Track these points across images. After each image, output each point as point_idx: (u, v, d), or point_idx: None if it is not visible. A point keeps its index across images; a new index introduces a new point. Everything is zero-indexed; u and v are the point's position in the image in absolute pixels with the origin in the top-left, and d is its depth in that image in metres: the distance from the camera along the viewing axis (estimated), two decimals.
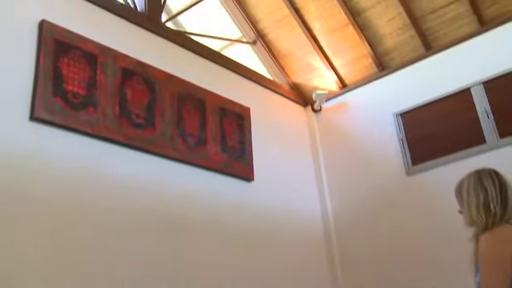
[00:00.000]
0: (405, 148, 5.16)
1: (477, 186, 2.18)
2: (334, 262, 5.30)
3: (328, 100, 5.85)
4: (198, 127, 4.34)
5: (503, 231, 2.05)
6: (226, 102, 4.75)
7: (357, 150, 5.51)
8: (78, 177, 3.38)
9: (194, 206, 4.10)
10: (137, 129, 3.81)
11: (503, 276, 1.95)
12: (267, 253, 4.62)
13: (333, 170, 5.64)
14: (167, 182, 3.95)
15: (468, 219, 2.19)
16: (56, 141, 3.32)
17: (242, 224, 4.47)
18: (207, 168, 4.30)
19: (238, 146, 4.67)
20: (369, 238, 5.13)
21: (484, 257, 2.01)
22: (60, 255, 3.10)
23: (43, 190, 3.15)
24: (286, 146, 5.47)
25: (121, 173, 3.65)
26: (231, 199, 4.47)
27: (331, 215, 5.48)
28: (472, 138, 4.73)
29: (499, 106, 4.65)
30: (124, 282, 3.37)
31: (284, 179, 5.18)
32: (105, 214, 3.45)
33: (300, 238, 5.08)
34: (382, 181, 5.20)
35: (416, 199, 4.93)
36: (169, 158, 4.00)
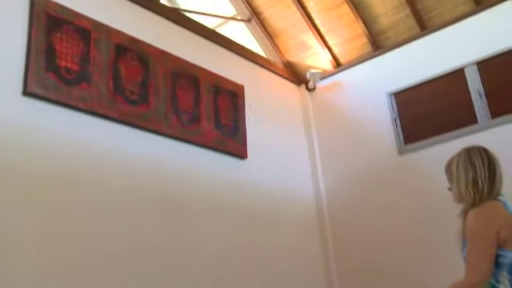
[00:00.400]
0: (397, 127, 5.19)
1: (466, 164, 2.21)
2: (326, 240, 5.37)
3: (322, 79, 5.85)
4: (192, 104, 4.34)
5: (490, 207, 2.09)
6: (220, 79, 4.74)
7: (350, 128, 5.54)
8: (72, 153, 3.38)
9: (188, 182, 4.13)
10: (131, 105, 3.81)
11: (489, 250, 1.99)
12: (260, 230, 4.67)
13: (326, 148, 5.67)
14: (161, 159, 3.97)
15: (457, 195, 2.23)
16: (49, 116, 3.32)
17: (235, 201, 4.51)
18: (201, 145, 4.32)
19: (231, 123, 4.68)
20: (361, 217, 5.20)
21: (471, 232, 2.05)
22: (54, 232, 3.12)
23: (36, 166, 3.16)
24: (280, 125, 5.49)
25: (114, 149, 3.66)
26: (224, 176, 4.49)
27: (324, 193, 5.53)
28: (464, 118, 4.77)
29: (492, 87, 4.68)
30: (117, 258, 3.40)
31: (277, 157, 5.21)
32: (98, 190, 3.46)
33: (293, 216, 5.13)
34: (374, 159, 5.24)
35: (408, 178, 4.98)
36: (163, 134, 4.01)
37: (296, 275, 4.87)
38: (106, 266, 3.31)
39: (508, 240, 2.01)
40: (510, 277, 1.99)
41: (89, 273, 3.21)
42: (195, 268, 3.91)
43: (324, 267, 5.30)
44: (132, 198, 3.65)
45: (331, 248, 5.34)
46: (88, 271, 3.21)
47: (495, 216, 2.06)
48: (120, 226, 3.50)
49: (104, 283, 3.27)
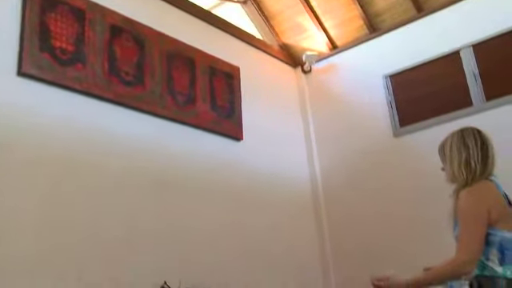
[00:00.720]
0: (393, 109, 5.21)
1: (459, 144, 2.23)
2: (321, 222, 5.42)
3: (318, 61, 5.84)
4: (188, 86, 4.34)
5: (482, 187, 2.12)
6: (216, 61, 4.73)
7: (346, 111, 5.55)
8: (68, 134, 3.39)
9: (183, 164, 4.14)
10: (126, 86, 3.80)
11: (480, 229, 2.03)
12: (255, 212, 4.70)
13: (321, 130, 5.69)
14: (157, 140, 3.97)
15: (450, 176, 2.25)
16: (45, 97, 3.31)
17: (231, 183, 4.54)
18: (196, 126, 4.33)
19: (227, 105, 4.69)
20: (356, 198, 5.24)
21: (463, 211, 2.08)
22: (51, 214, 3.13)
23: (32, 147, 3.16)
24: (276, 107, 5.49)
25: (110, 130, 3.67)
26: (220, 158, 4.51)
27: (319, 175, 5.56)
28: (459, 101, 4.79)
29: (487, 69, 4.69)
30: (114, 241, 3.43)
31: (273, 139, 5.23)
32: (94, 172, 3.47)
33: (288, 198, 5.17)
34: (369, 142, 5.27)
35: (403, 160, 5.01)
36: (158, 115, 4.02)
37: (291, 256, 4.93)
38: (103, 248, 3.34)
39: (499, 219, 2.04)
40: (500, 255, 2.03)
41: (86, 256, 3.24)
42: (191, 249, 3.94)
43: (319, 248, 5.35)
44: (128, 179, 3.67)
45: (326, 229, 5.39)
46: (85, 254, 3.23)
47: (487, 196, 2.09)
48: (116, 208, 3.52)
49: (101, 266, 3.30)
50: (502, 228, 2.04)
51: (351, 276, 5.00)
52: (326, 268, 5.28)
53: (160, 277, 3.56)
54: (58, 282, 3.02)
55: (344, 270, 5.17)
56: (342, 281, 5.17)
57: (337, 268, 5.25)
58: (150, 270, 3.57)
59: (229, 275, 4.15)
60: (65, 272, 3.07)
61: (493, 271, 2.03)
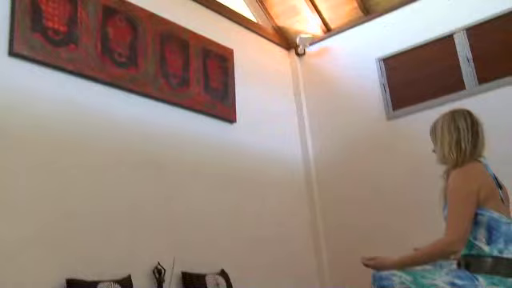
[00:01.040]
0: (386, 93, 5.22)
1: (450, 126, 2.25)
2: (313, 203, 5.46)
3: (312, 44, 5.84)
4: (181, 68, 4.32)
5: (472, 168, 2.14)
6: (210, 43, 4.72)
7: (339, 94, 5.56)
8: (61, 115, 3.38)
9: (177, 146, 4.15)
10: (119, 68, 3.79)
11: (469, 209, 2.06)
12: (248, 193, 4.73)
13: (315, 113, 5.71)
14: (150, 122, 3.98)
15: (440, 157, 2.28)
16: (37, 77, 3.30)
17: (224, 165, 4.55)
18: (190, 108, 4.33)
19: (220, 87, 4.68)
20: (349, 180, 5.28)
21: (452, 191, 2.11)
22: (45, 194, 3.14)
23: (26, 128, 3.15)
24: (269, 89, 5.50)
25: (103, 111, 3.66)
26: (213, 140, 4.52)
27: (312, 158, 5.60)
28: (452, 84, 4.81)
29: (480, 53, 4.70)
30: (107, 219, 3.45)
31: (266, 122, 5.24)
32: (88, 153, 3.48)
33: (281, 180, 5.20)
34: (363, 124, 5.29)
35: (396, 143, 5.04)
36: (152, 97, 4.01)
37: (284, 237, 4.97)
38: (96, 228, 3.36)
39: (487, 199, 2.07)
40: (487, 234, 2.06)
41: (82, 233, 3.26)
42: (184, 231, 3.97)
43: (311, 229, 5.41)
44: (121, 160, 3.68)
45: (318, 210, 5.44)
46: (81, 231, 3.26)
47: (476, 176, 2.12)
48: (109, 188, 3.53)
49: (97, 242, 3.32)
50: (490, 208, 2.07)
51: (343, 256, 5.07)
52: (319, 248, 5.34)
53: (153, 257, 3.59)
54: (54, 260, 3.04)
55: (336, 250, 5.23)
56: (334, 260, 5.23)
57: (329, 248, 5.32)
58: (144, 250, 3.60)
59: (222, 256, 4.19)
60: (60, 250, 3.09)
61: (480, 250, 2.07)
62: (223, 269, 4.10)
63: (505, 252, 2.03)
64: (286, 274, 4.80)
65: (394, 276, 2.10)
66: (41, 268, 2.98)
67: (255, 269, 4.46)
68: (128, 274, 3.37)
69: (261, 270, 4.52)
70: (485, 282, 1.99)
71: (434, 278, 2.05)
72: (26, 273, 2.90)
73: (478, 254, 2.07)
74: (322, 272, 5.27)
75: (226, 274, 4.06)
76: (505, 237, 2.05)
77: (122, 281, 3.28)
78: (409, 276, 2.08)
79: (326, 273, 5.27)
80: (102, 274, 3.22)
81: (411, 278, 2.07)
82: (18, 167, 3.06)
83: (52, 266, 3.03)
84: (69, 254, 3.14)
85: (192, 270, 3.83)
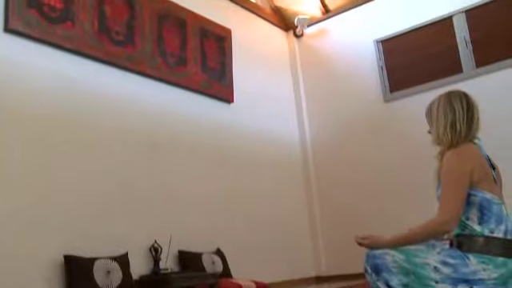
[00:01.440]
0: (384, 75, 5.23)
1: (446, 107, 2.25)
2: (310, 184, 5.50)
3: (310, 25, 5.82)
4: (179, 47, 4.31)
5: (466, 149, 2.15)
6: (208, 22, 4.69)
7: (336, 75, 5.56)
8: (57, 92, 3.38)
9: (174, 125, 4.16)
10: (116, 46, 3.78)
11: (461, 190, 2.07)
12: (245, 174, 4.76)
13: (312, 94, 5.71)
14: (147, 101, 3.98)
15: (435, 138, 2.29)
16: (33, 54, 3.29)
17: (221, 145, 4.57)
18: (187, 88, 4.33)
19: (218, 67, 4.67)
20: (345, 161, 5.31)
21: (446, 172, 2.12)
22: (41, 171, 3.15)
23: (21, 104, 3.15)
24: (267, 70, 5.48)
25: (100, 89, 3.66)
26: (210, 120, 4.53)
27: (309, 138, 5.62)
28: (450, 67, 4.82)
29: (479, 35, 4.70)
30: (104, 196, 3.47)
31: (264, 102, 5.25)
32: (85, 130, 3.48)
33: (278, 160, 5.22)
34: (360, 106, 5.30)
35: (393, 125, 5.07)
36: (149, 76, 4.01)
37: (279, 217, 5.01)
38: (92, 205, 3.38)
39: (480, 180, 2.09)
40: (479, 214, 2.08)
41: (79, 211, 3.28)
42: (180, 210, 3.99)
43: (307, 209, 5.45)
44: (117, 138, 3.68)
45: (315, 191, 5.48)
46: (79, 209, 3.28)
47: (470, 157, 2.13)
48: (105, 166, 3.54)
49: (94, 220, 3.34)
50: (482, 189, 2.09)
51: (338, 236, 5.12)
52: (314, 228, 5.40)
53: (150, 236, 3.62)
54: (48, 236, 3.06)
55: (331, 230, 5.29)
56: (330, 241, 5.29)
57: (324, 228, 5.37)
58: (141, 228, 3.63)
59: (218, 236, 4.22)
60: (55, 226, 3.11)
61: (472, 230, 2.09)
62: (219, 248, 4.14)
63: (495, 232, 2.05)
64: (281, 254, 4.85)
65: (386, 255, 2.13)
66: (38, 244, 3.00)
67: (251, 248, 4.51)
68: (125, 252, 3.41)
69: (256, 250, 4.56)
70: (475, 261, 2.02)
71: (427, 256, 2.08)
72: (25, 250, 2.92)
73: (469, 233, 2.09)
74: (318, 252, 5.34)
75: (222, 253, 4.10)
76: (496, 217, 2.07)
77: (119, 258, 3.32)
78: (401, 255, 2.11)
79: (322, 252, 5.33)
80: (100, 251, 3.25)
81: (404, 257, 2.10)
82: (14, 141, 3.06)
83: (50, 242, 3.06)
84: (66, 232, 3.17)
85: (188, 248, 3.86)
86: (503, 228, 2.06)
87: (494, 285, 1.99)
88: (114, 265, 3.24)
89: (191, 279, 3.50)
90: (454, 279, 2.01)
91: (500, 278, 1.99)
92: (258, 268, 4.37)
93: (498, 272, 1.99)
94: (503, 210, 2.11)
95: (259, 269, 4.35)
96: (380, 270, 2.12)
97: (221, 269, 3.94)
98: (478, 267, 2.00)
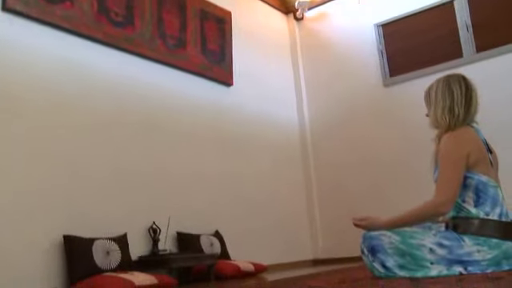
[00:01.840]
0: (383, 59, 5.22)
1: (445, 90, 2.26)
2: (308, 167, 5.52)
3: (310, 9, 5.78)
4: (179, 29, 4.29)
5: (464, 132, 2.17)
6: (208, 4, 4.67)
7: (336, 59, 5.55)
8: (56, 72, 3.37)
9: (173, 107, 4.16)
10: (116, 27, 3.76)
11: (458, 172, 2.09)
12: (244, 156, 4.77)
13: (312, 78, 5.71)
14: (146, 83, 3.97)
15: (433, 121, 2.30)
16: (32, 34, 3.26)
17: (220, 128, 4.57)
18: (186, 70, 4.32)
19: (218, 50, 4.66)
20: (343, 145, 5.33)
21: (443, 155, 2.14)
22: (40, 152, 3.15)
23: (19, 85, 3.14)
24: (267, 53, 5.47)
25: (99, 71, 3.65)
26: (210, 102, 4.53)
27: (308, 122, 5.62)
28: (450, 52, 4.81)
29: (480, 20, 4.68)
30: (103, 178, 3.48)
31: (263, 86, 5.24)
32: (84, 111, 3.48)
33: (276, 143, 5.24)
34: (359, 90, 5.30)
35: (392, 109, 5.07)
36: (148, 58, 4.00)
37: (278, 199, 5.04)
38: (92, 186, 3.39)
39: (476, 163, 2.11)
40: (475, 197, 2.11)
41: (79, 192, 3.30)
42: (179, 192, 4.01)
43: (305, 192, 5.48)
44: (116, 120, 3.68)
45: (313, 174, 5.50)
46: (78, 190, 3.29)
47: (467, 140, 2.14)
48: (104, 147, 3.55)
49: (93, 201, 3.36)
50: (479, 172, 2.11)
51: (336, 218, 5.15)
52: (312, 211, 5.43)
53: (149, 217, 3.64)
54: (48, 217, 3.08)
55: (329, 213, 5.32)
56: (327, 223, 5.32)
57: (322, 211, 5.41)
58: (139, 210, 3.65)
59: (216, 218, 4.25)
60: (54, 208, 3.13)
61: (467, 212, 2.11)
62: (217, 230, 4.17)
63: (491, 214, 2.08)
64: (279, 236, 4.89)
65: (383, 236, 2.15)
66: (38, 225, 3.02)
67: (249, 230, 4.54)
68: (124, 233, 3.43)
69: (254, 232, 4.60)
70: (470, 243, 2.04)
71: (423, 238, 2.10)
72: (24, 229, 2.95)
73: (465, 215, 2.12)
74: (315, 235, 5.37)
75: (220, 235, 4.14)
76: (491, 200, 2.10)
77: (118, 239, 3.34)
78: (398, 236, 2.13)
79: (319, 235, 5.37)
80: (99, 231, 3.28)
81: (400, 239, 2.12)
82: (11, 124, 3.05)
83: (49, 223, 3.08)
84: (66, 213, 3.19)
85: (187, 230, 3.89)
86: (498, 211, 2.09)
87: (487, 266, 2.02)
88: (113, 245, 3.26)
89: (189, 260, 3.54)
90: (449, 260, 2.04)
91: (493, 259, 2.02)
92: (256, 250, 4.40)
93: (492, 253, 2.02)
94: (499, 193, 2.13)
95: (257, 251, 4.39)
96: (376, 251, 2.14)
97: (219, 250, 3.97)
98: (472, 249, 2.03)
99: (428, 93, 2.35)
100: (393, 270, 2.10)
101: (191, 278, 3.64)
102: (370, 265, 2.19)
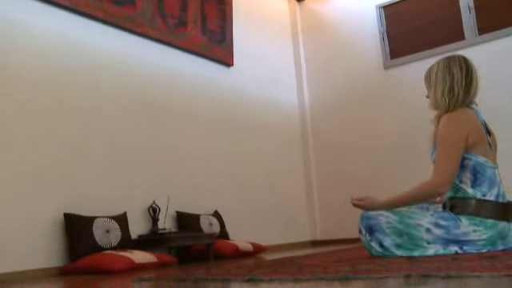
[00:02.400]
0: (384, 41, 5.19)
1: (445, 72, 2.26)
2: (307, 149, 5.53)
3: None
4: (179, 8, 4.26)
5: (463, 113, 2.17)
6: None
7: (337, 41, 5.52)
8: (56, 52, 3.35)
9: (173, 87, 4.15)
10: (116, 6, 3.73)
11: (456, 153, 2.10)
12: (243, 137, 4.77)
13: (312, 59, 5.69)
14: (146, 62, 3.96)
15: (433, 102, 2.30)
16: (32, 13, 3.25)
17: (220, 108, 4.57)
18: (187, 50, 4.30)
19: (218, 30, 4.64)
20: (343, 127, 5.33)
21: (442, 135, 2.15)
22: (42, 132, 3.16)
23: (21, 64, 3.13)
24: (267, 34, 5.44)
25: (99, 50, 3.64)
26: (210, 83, 4.52)
27: (308, 104, 5.62)
28: (452, 34, 4.78)
29: (482, 2, 4.66)
30: (104, 159, 3.49)
31: (263, 67, 5.23)
32: (83, 91, 3.47)
33: (276, 125, 5.24)
34: (360, 73, 5.29)
35: (392, 92, 5.06)
36: (149, 37, 3.98)
37: (277, 181, 5.06)
38: (93, 165, 3.41)
39: (475, 145, 2.12)
40: (472, 177, 2.12)
41: (79, 171, 3.31)
42: (179, 172, 4.03)
43: (304, 174, 5.50)
44: (117, 99, 3.68)
45: (312, 156, 5.52)
46: (79, 170, 3.31)
47: (466, 121, 2.15)
48: (105, 127, 3.55)
49: (94, 181, 3.38)
50: (477, 153, 2.12)
51: (334, 201, 5.17)
52: (311, 193, 5.46)
53: (149, 197, 3.67)
54: (52, 196, 3.11)
55: (327, 196, 5.34)
56: (326, 205, 5.36)
57: (321, 194, 5.43)
58: (140, 189, 3.67)
59: (216, 199, 4.27)
60: (55, 186, 3.15)
61: (465, 193, 2.13)
62: (217, 210, 4.20)
63: (488, 195, 2.10)
64: (277, 218, 4.92)
65: (381, 216, 2.17)
66: (39, 203, 3.04)
67: (248, 211, 4.57)
68: (124, 212, 3.45)
69: (253, 213, 4.63)
70: (467, 223, 2.07)
71: (420, 218, 2.13)
72: (25, 207, 2.97)
73: (462, 196, 2.14)
74: (314, 215, 5.41)
75: (220, 215, 4.16)
76: (489, 181, 2.11)
77: (118, 217, 3.37)
78: (395, 216, 2.15)
79: (317, 217, 5.40)
80: (99, 210, 3.30)
81: (398, 218, 2.15)
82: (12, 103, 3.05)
83: (50, 201, 3.10)
84: (67, 192, 3.21)
85: (186, 210, 3.92)
86: (495, 192, 2.11)
87: (483, 245, 2.04)
88: (113, 224, 3.29)
89: (189, 239, 3.57)
90: (446, 240, 2.07)
91: (489, 239, 2.05)
92: (255, 231, 4.43)
93: (487, 233, 2.05)
94: (496, 174, 2.15)
95: (256, 232, 4.42)
96: (374, 231, 2.17)
97: (218, 230, 4.00)
98: (469, 229, 2.06)
99: (428, 74, 2.35)
100: (390, 250, 2.13)
101: (190, 257, 3.67)
102: (367, 244, 2.21)
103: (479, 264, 1.54)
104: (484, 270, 1.34)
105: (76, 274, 2.94)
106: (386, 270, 1.56)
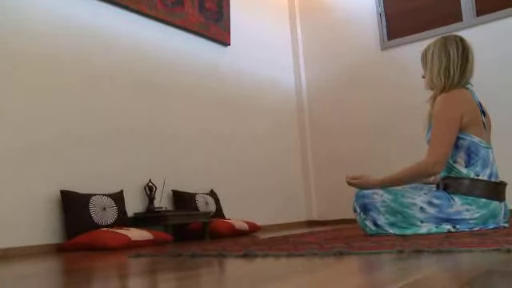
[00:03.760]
0: (382, 22, 5.17)
1: (441, 52, 2.27)
2: (304, 130, 5.54)
3: None
4: None
5: (458, 93, 2.18)
6: None
7: (335, 21, 5.49)
8: (53, 29, 3.33)
9: (169, 65, 4.14)
10: None
11: (450, 133, 2.12)
12: (240, 116, 4.78)
13: (310, 41, 5.66)
14: (143, 40, 3.94)
15: (428, 82, 2.31)
16: None
17: (216, 88, 4.57)
18: (184, 28, 4.27)
19: (215, 9, 4.60)
20: (340, 108, 5.33)
21: (437, 115, 2.16)
22: (37, 108, 3.15)
23: (17, 41, 3.11)
24: (265, 14, 5.41)
25: (96, 27, 3.61)
26: (207, 62, 4.51)
27: (305, 85, 5.61)
28: (450, 16, 4.76)
29: None
30: (102, 135, 3.49)
31: (261, 47, 5.20)
32: (80, 67, 3.46)
33: (273, 106, 5.24)
34: (357, 54, 5.27)
35: (389, 73, 5.05)
36: (146, 15, 3.95)
37: (273, 162, 5.08)
38: (88, 143, 3.41)
39: (469, 125, 2.14)
40: (466, 157, 2.14)
41: (76, 149, 3.31)
42: (176, 151, 4.04)
43: (301, 154, 5.52)
44: (113, 77, 3.67)
45: (308, 137, 5.52)
46: (75, 147, 3.31)
47: (461, 101, 2.16)
48: (101, 106, 3.55)
49: (91, 159, 3.39)
50: (471, 133, 2.14)
51: (330, 183, 5.20)
52: (307, 174, 5.48)
53: (145, 175, 3.68)
54: (45, 173, 3.11)
55: (323, 177, 5.37)
56: (322, 185, 5.38)
57: (317, 175, 5.45)
58: (136, 167, 3.68)
59: (212, 178, 4.29)
60: (51, 164, 3.16)
61: (458, 172, 2.15)
62: (213, 189, 4.22)
63: (481, 175, 2.12)
64: (273, 198, 4.95)
65: (375, 194, 2.20)
66: (35, 180, 3.05)
67: (244, 191, 4.60)
68: (120, 190, 3.47)
69: (249, 193, 4.65)
70: (460, 202, 2.09)
71: (414, 197, 2.15)
72: (21, 184, 2.98)
73: (456, 176, 2.16)
74: (310, 196, 5.44)
75: (216, 195, 4.19)
76: (482, 161, 2.13)
77: (115, 195, 3.38)
78: (390, 195, 2.18)
79: (313, 198, 5.44)
80: (95, 188, 3.31)
81: (392, 197, 2.17)
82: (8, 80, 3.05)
83: (46, 178, 3.11)
84: (64, 169, 3.21)
85: (182, 189, 3.94)
86: (488, 171, 2.13)
87: (475, 224, 2.07)
88: (110, 201, 3.31)
89: (185, 217, 3.59)
90: (439, 218, 2.10)
91: (481, 217, 2.08)
92: (251, 211, 4.46)
93: (480, 212, 2.07)
94: (490, 154, 2.17)
95: (252, 212, 4.45)
96: (368, 209, 2.19)
97: (214, 209, 4.03)
98: (461, 208, 2.08)
99: (424, 54, 2.36)
100: (384, 228, 2.16)
101: (187, 235, 3.70)
102: (362, 223, 2.24)
103: (470, 240, 1.57)
104: (474, 245, 1.37)
105: (73, 250, 2.96)
106: (379, 246, 1.58)
